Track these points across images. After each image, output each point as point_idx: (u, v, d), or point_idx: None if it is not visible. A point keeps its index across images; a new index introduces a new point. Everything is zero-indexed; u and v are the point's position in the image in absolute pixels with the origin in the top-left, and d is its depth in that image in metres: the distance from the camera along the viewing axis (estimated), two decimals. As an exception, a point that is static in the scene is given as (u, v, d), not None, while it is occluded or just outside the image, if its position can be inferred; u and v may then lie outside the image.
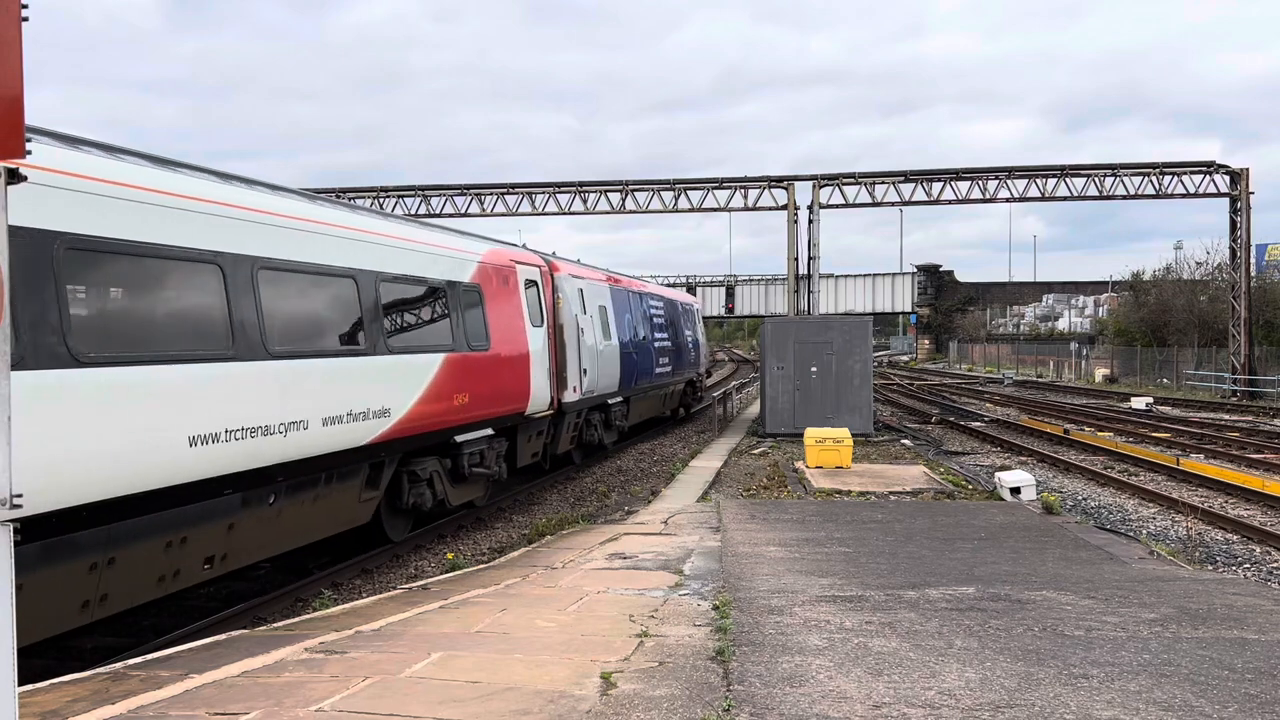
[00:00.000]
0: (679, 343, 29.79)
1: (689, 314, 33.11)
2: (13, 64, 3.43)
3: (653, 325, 26.11)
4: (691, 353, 32.27)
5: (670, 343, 28.10)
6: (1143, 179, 40.64)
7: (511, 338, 15.30)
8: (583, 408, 19.30)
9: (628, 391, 22.83)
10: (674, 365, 28.65)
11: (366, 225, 11.86)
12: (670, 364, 27.95)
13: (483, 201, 45.97)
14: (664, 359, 26.87)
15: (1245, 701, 5.66)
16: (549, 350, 17.01)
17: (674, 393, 30.51)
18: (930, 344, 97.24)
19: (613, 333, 21.49)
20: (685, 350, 30.93)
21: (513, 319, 15.52)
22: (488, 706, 5.48)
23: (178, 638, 8.66)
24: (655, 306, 26.95)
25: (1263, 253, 64.06)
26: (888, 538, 11.64)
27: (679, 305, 31.47)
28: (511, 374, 15.21)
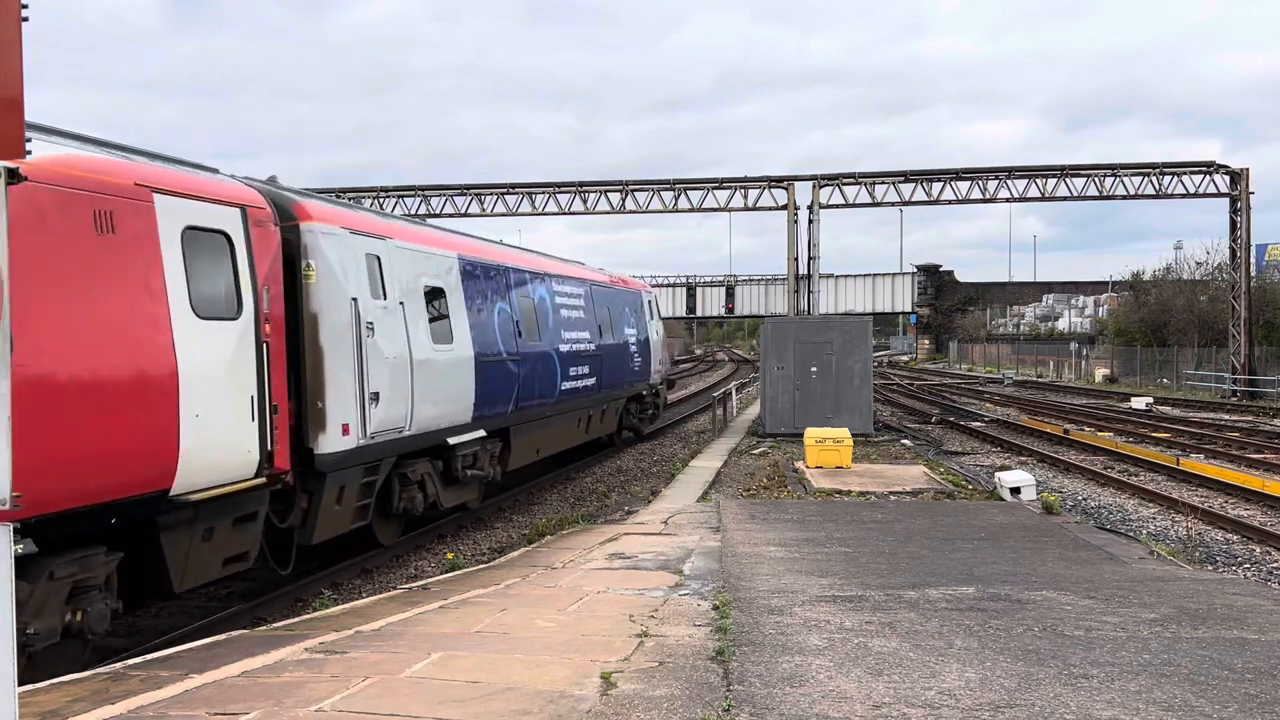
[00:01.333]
0: (613, 346, 21.99)
1: (633, 306, 24.64)
2: (13, 64, 3.43)
3: (558, 321, 18.40)
4: (635, 358, 23.96)
5: (591, 345, 20.20)
6: (1143, 179, 40.66)
7: (103, 342, 7.58)
8: (379, 459, 11.67)
9: (503, 420, 15.33)
10: (604, 376, 20.98)
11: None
12: (594, 375, 20.20)
13: (483, 201, 45.98)
14: (578, 369, 19.07)
15: (1245, 701, 5.66)
16: (264, 362, 9.31)
17: (605, 413, 22.15)
18: (930, 344, 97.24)
19: (459, 332, 13.91)
20: (624, 356, 22.96)
21: (119, 302, 7.78)
22: (488, 706, 5.48)
23: (178, 638, 8.66)
24: (565, 294, 19.21)
25: (1263, 253, 64.06)
26: (888, 538, 11.64)
27: (613, 294, 23.07)
28: (99, 412, 7.44)
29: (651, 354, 25.82)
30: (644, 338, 25.33)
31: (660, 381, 27.84)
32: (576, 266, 21.70)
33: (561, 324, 18.60)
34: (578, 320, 19.68)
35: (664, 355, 28.28)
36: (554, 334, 18.06)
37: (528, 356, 16.46)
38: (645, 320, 25.78)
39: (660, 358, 27.30)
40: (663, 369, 28.06)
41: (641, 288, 26.64)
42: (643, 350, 24.93)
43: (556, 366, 17.93)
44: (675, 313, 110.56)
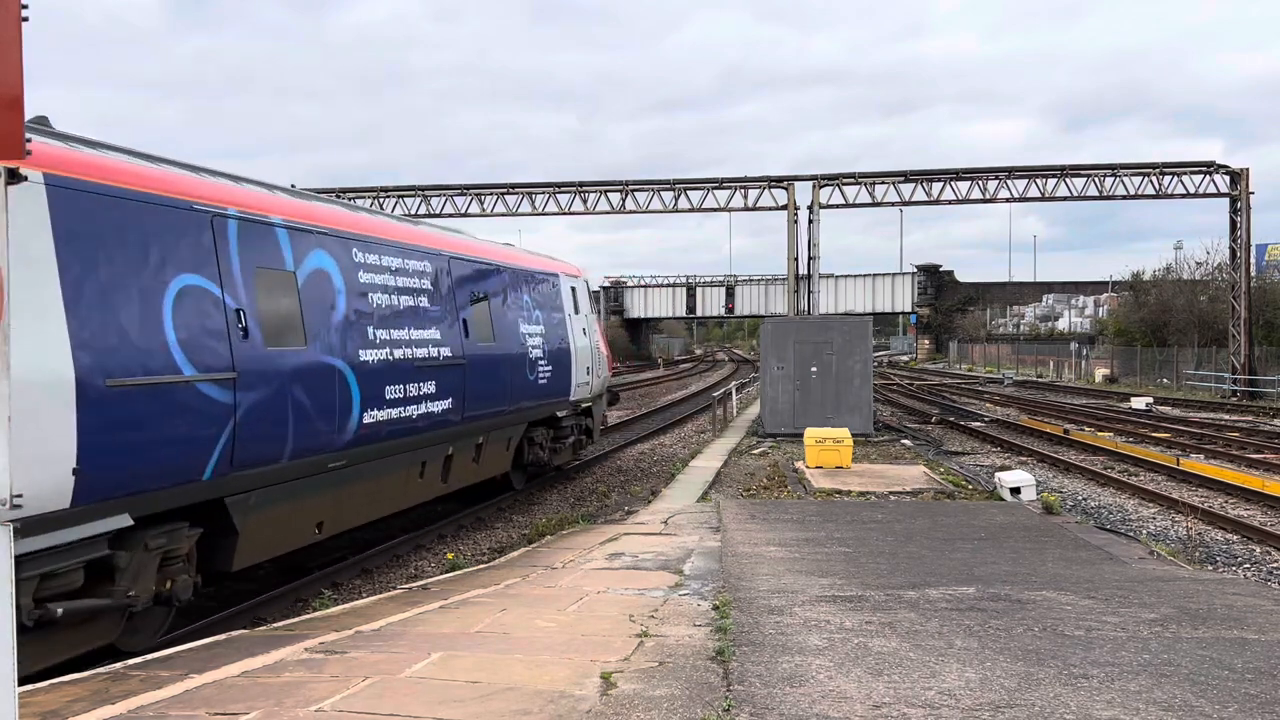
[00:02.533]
0: (494, 352, 14.86)
1: (543, 295, 17.73)
2: (13, 64, 3.43)
3: (357, 313, 11.20)
4: (543, 368, 16.82)
5: (445, 351, 13.13)
6: (1143, 179, 40.68)
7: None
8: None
9: (192, 491, 8.40)
10: (474, 396, 13.94)
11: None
12: (450, 396, 13.16)
13: (483, 202, 46.00)
14: (414, 388, 12.24)
15: (1245, 701, 5.66)
16: None
17: (483, 448, 14.74)
18: (930, 344, 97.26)
19: (38, 330, 6.87)
20: (518, 365, 15.78)
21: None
22: (488, 706, 5.48)
23: (178, 638, 8.66)
24: (376, 269, 11.88)
25: (1263, 253, 64.10)
26: (888, 538, 11.64)
27: (499, 276, 15.76)
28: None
29: (574, 360, 18.54)
30: (561, 338, 18.05)
31: (595, 395, 20.51)
32: (412, 229, 13.78)
33: (366, 317, 11.26)
34: (413, 312, 12.39)
35: (599, 361, 20.52)
36: (343, 333, 10.69)
37: (265, 375, 9.28)
38: (567, 315, 18.62)
39: (592, 365, 19.88)
40: (597, 380, 20.34)
41: (562, 270, 19.28)
42: (559, 356, 17.67)
43: (350, 388, 10.67)
44: (675, 313, 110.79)
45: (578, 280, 20.13)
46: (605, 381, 21.67)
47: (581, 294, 20.21)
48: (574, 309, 19.35)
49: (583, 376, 19.18)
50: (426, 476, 13.00)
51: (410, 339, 12.30)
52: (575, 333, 19.00)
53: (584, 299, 20.31)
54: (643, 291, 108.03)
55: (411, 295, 12.58)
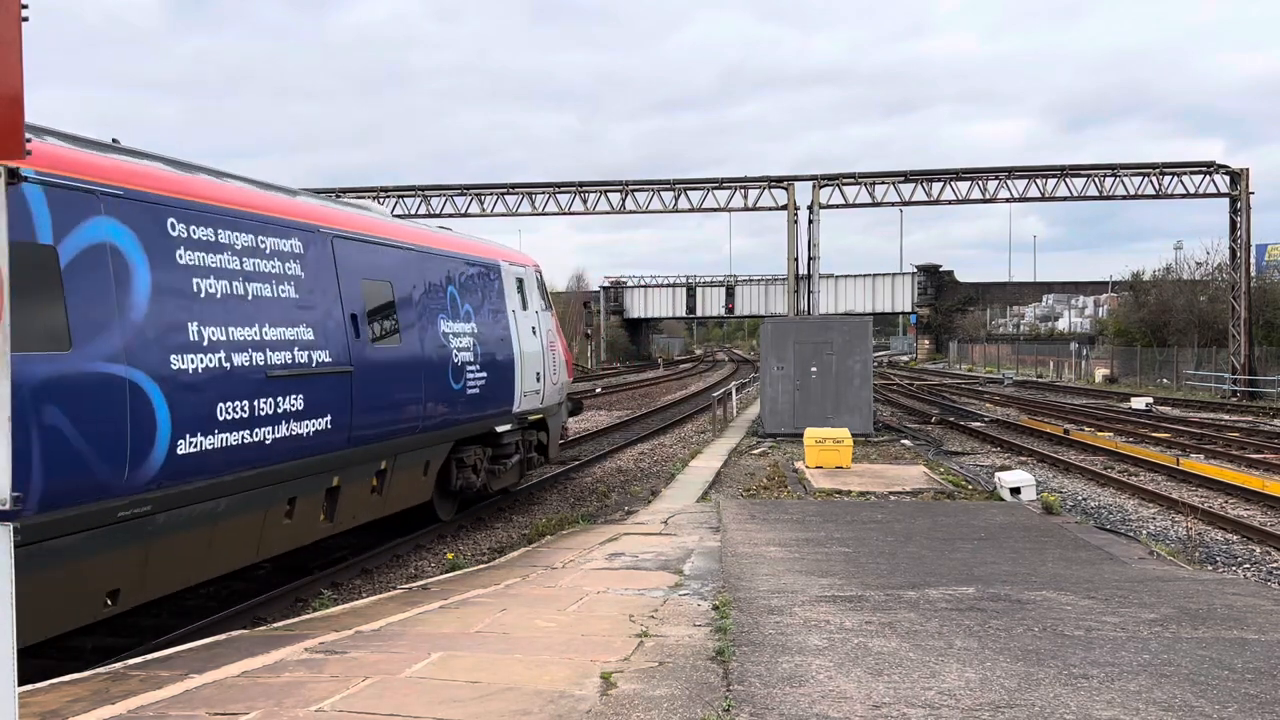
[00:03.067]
0: (400, 356, 12.16)
1: (476, 287, 14.80)
2: (13, 64, 3.43)
3: (170, 305, 8.31)
4: (474, 375, 14.03)
5: (320, 356, 10.35)
6: (1143, 179, 40.69)
7: None
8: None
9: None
10: (367, 411, 11.16)
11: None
12: (330, 412, 10.40)
13: (483, 202, 46.01)
14: (269, 404, 9.40)
15: (1245, 701, 5.66)
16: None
17: (391, 478, 12.05)
18: (930, 344, 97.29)
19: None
20: (438, 372, 13.03)
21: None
22: (487, 706, 5.48)
23: (178, 638, 8.66)
24: (209, 249, 8.90)
25: (1263, 253, 64.10)
26: (888, 538, 11.64)
27: (412, 262, 12.92)
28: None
29: (520, 365, 15.62)
30: (502, 339, 15.10)
31: (551, 406, 17.42)
32: (275, 198, 10.43)
33: (187, 311, 8.51)
34: (268, 305, 9.54)
35: (554, 365, 17.48)
36: (141, 334, 8.01)
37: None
38: (510, 311, 15.73)
39: (545, 370, 16.85)
40: (551, 388, 17.27)
41: (504, 257, 16.14)
42: (498, 360, 14.79)
43: (153, 406, 8.01)
44: (675, 313, 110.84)
45: (526, 270, 16.91)
46: (564, 389, 18.75)
47: (531, 287, 17.05)
48: (521, 304, 16.31)
49: (531, 384, 16.17)
50: (299, 516, 10.10)
51: (261, 340, 9.31)
52: (521, 332, 16.01)
53: (534, 293, 17.17)
54: (643, 291, 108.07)
55: (268, 283, 9.60)
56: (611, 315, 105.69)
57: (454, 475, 14.03)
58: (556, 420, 18.29)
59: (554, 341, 17.84)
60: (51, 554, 7.10)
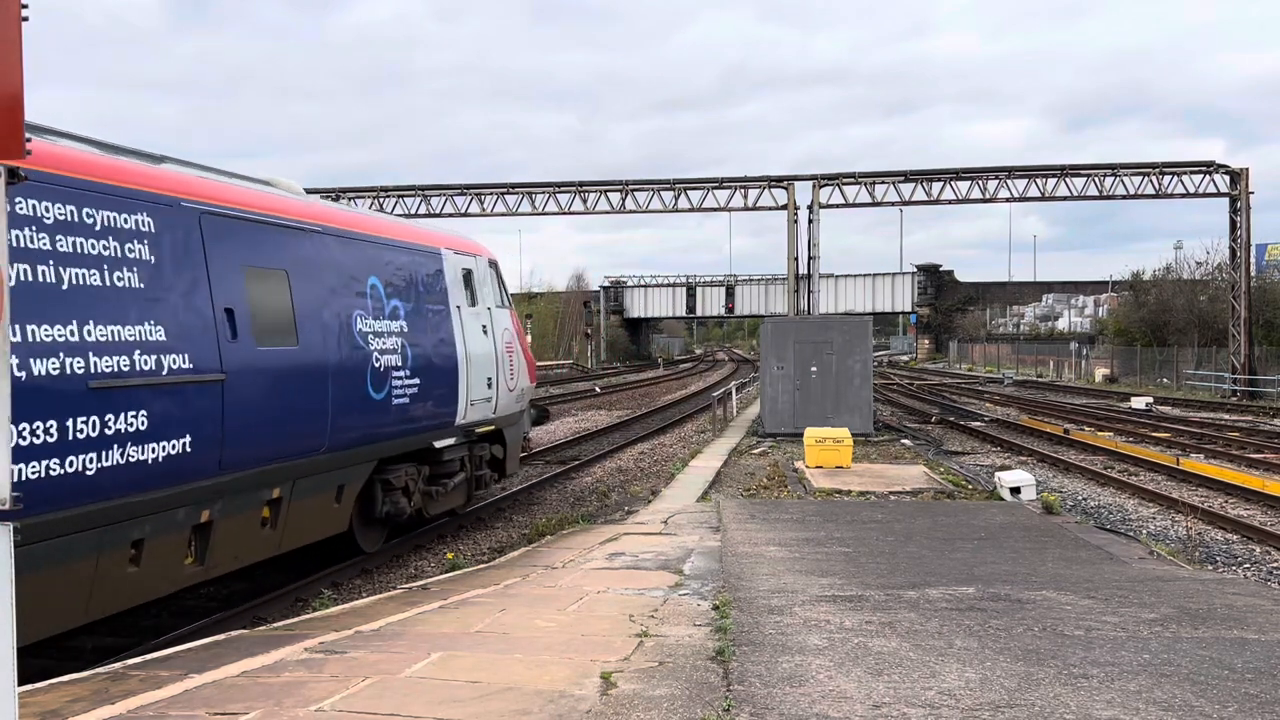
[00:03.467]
0: (311, 359, 10.21)
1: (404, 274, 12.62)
2: (13, 64, 3.43)
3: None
4: (404, 382, 12.07)
5: (175, 358, 8.25)
6: (1143, 179, 40.70)
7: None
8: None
9: None
10: (253, 429, 9.16)
11: None
12: (192, 431, 8.40)
13: (483, 201, 46.02)
14: (98, 421, 7.43)
15: (1245, 701, 5.66)
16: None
17: (289, 509, 10.08)
18: (930, 344, 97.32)
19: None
20: (354, 379, 10.99)
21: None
22: (487, 706, 5.48)
23: (177, 638, 8.66)
24: (44, 227, 7.19)
25: (1263, 253, 64.12)
26: (888, 537, 11.64)
27: (315, 245, 10.71)
28: None
29: (465, 370, 13.54)
30: (443, 340, 13.15)
31: (508, 415, 15.49)
32: (113, 163, 8.34)
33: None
34: (96, 298, 7.66)
35: (511, 370, 15.39)
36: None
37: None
38: (453, 307, 13.62)
39: (499, 376, 14.81)
40: (507, 396, 15.26)
41: (447, 244, 14.01)
42: (436, 364, 12.79)
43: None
44: (675, 313, 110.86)
45: (475, 261, 14.74)
46: (524, 396, 16.53)
47: (483, 280, 14.79)
48: (468, 299, 14.15)
49: (481, 391, 14.14)
50: (151, 562, 8.21)
51: (81, 342, 7.37)
52: (467, 332, 13.86)
53: (486, 287, 14.92)
54: (643, 291, 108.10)
55: (96, 269, 7.65)
56: (611, 315, 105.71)
57: (379, 500, 11.94)
58: (515, 431, 16.18)
59: (512, 342, 15.73)
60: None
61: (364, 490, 11.71)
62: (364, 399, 11.15)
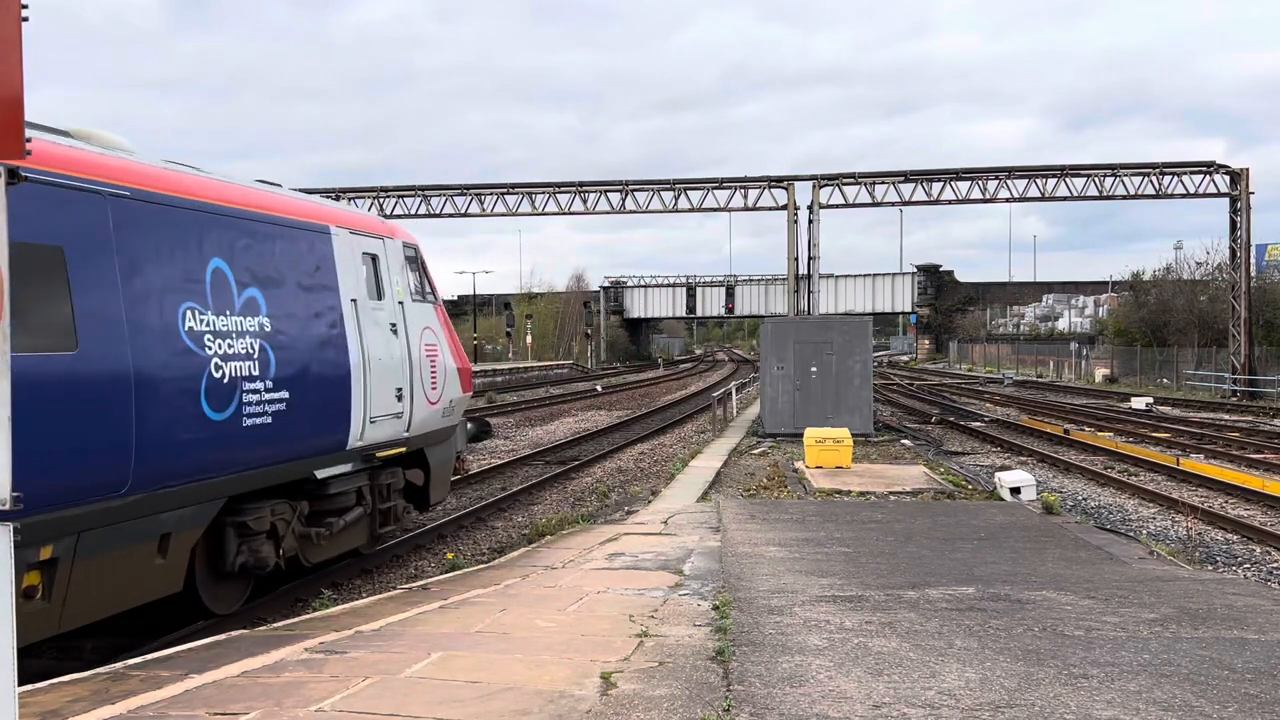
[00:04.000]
0: (101, 369, 7.50)
1: (268, 256, 9.77)
2: (13, 64, 3.43)
3: None
4: (260, 393, 9.26)
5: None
6: (1143, 179, 40.71)
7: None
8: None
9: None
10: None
11: None
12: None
13: (483, 201, 46.02)
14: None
15: (1245, 701, 5.66)
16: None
17: (99, 561, 7.62)
18: (930, 344, 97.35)
19: None
20: (180, 389, 8.28)
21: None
22: (487, 706, 5.48)
23: (177, 638, 8.66)
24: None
25: (1263, 253, 64.14)
26: (888, 538, 11.64)
27: (111, 212, 7.76)
28: None
29: (363, 379, 11.00)
30: (327, 341, 10.56)
31: (435, 433, 13.00)
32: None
33: None
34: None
35: (435, 377, 12.81)
36: None
37: None
38: (344, 300, 10.94)
39: (415, 386, 12.24)
40: (428, 410, 12.61)
41: (338, 222, 11.30)
42: (314, 375, 10.30)
43: None
44: (675, 313, 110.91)
45: (384, 244, 12.05)
46: (457, 408, 13.78)
47: (393, 267, 12.13)
48: (371, 290, 11.51)
49: (387, 404, 11.50)
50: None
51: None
52: (369, 332, 11.20)
53: (398, 275, 12.22)
54: (643, 291, 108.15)
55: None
56: (611, 315, 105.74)
57: (231, 549, 9.31)
58: (443, 452, 13.47)
59: (435, 345, 12.94)
60: None
61: (209, 537, 9.08)
62: (197, 419, 8.51)
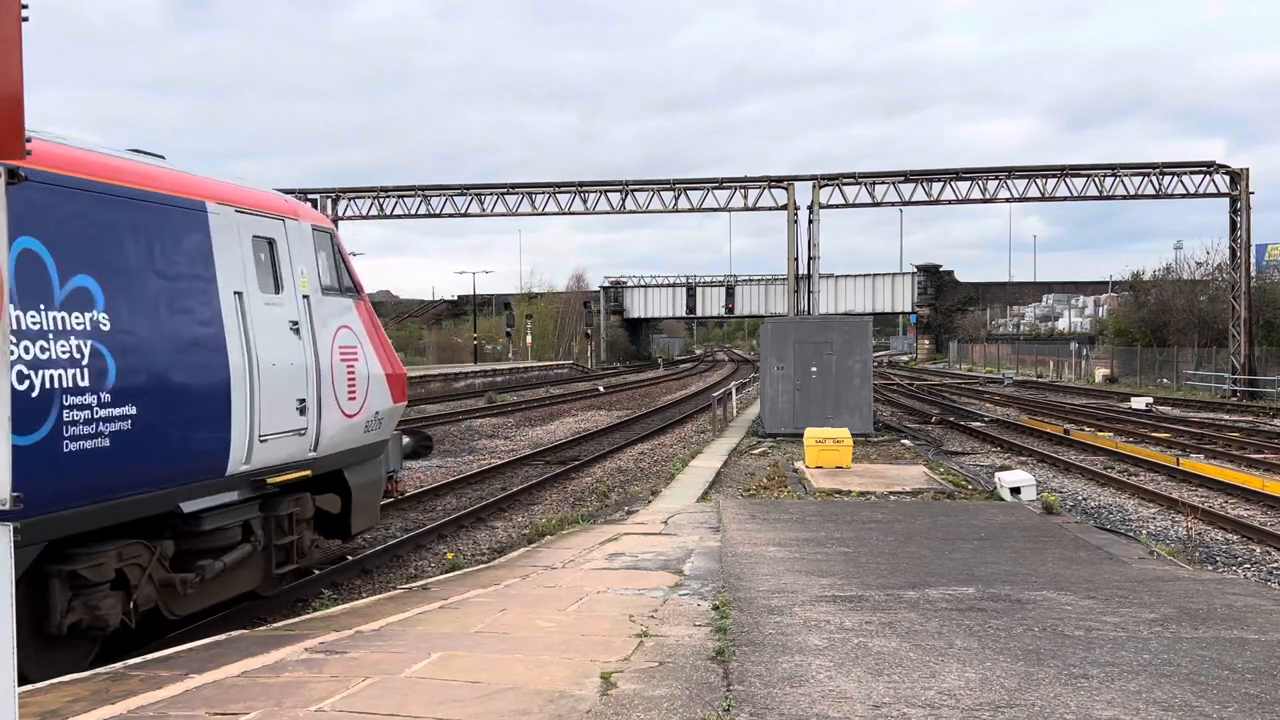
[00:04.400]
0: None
1: (83, 230, 7.46)
2: (13, 64, 3.43)
3: None
4: (87, 405, 7.22)
5: None
6: (1143, 179, 40.71)
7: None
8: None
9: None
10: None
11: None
12: None
13: (483, 201, 46.02)
14: None
15: (1245, 701, 5.67)
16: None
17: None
18: (930, 344, 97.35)
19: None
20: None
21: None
22: (488, 706, 5.48)
23: (177, 638, 8.66)
24: None
25: (1263, 253, 64.14)
26: (888, 538, 11.64)
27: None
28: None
29: (252, 389, 9.09)
30: (196, 343, 8.55)
31: (356, 449, 11.14)
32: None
33: None
34: None
35: (353, 386, 10.89)
36: None
37: None
38: (216, 293, 8.89)
39: (322, 397, 10.22)
40: (341, 423, 10.66)
41: (220, 196, 9.20)
42: (175, 385, 8.27)
43: None
44: (675, 313, 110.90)
45: (283, 225, 10.03)
46: (385, 422, 11.74)
47: (297, 254, 10.12)
48: (266, 283, 9.57)
49: (284, 419, 9.54)
50: None
51: None
52: (259, 331, 9.23)
53: (303, 265, 10.20)
54: (643, 291, 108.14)
55: None
56: (611, 315, 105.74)
57: (58, 605, 7.46)
58: (368, 473, 11.53)
59: (355, 346, 11.03)
60: None
61: (28, 590, 7.20)
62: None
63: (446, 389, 50.09)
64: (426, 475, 20.76)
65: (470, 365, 70.67)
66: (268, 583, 10.05)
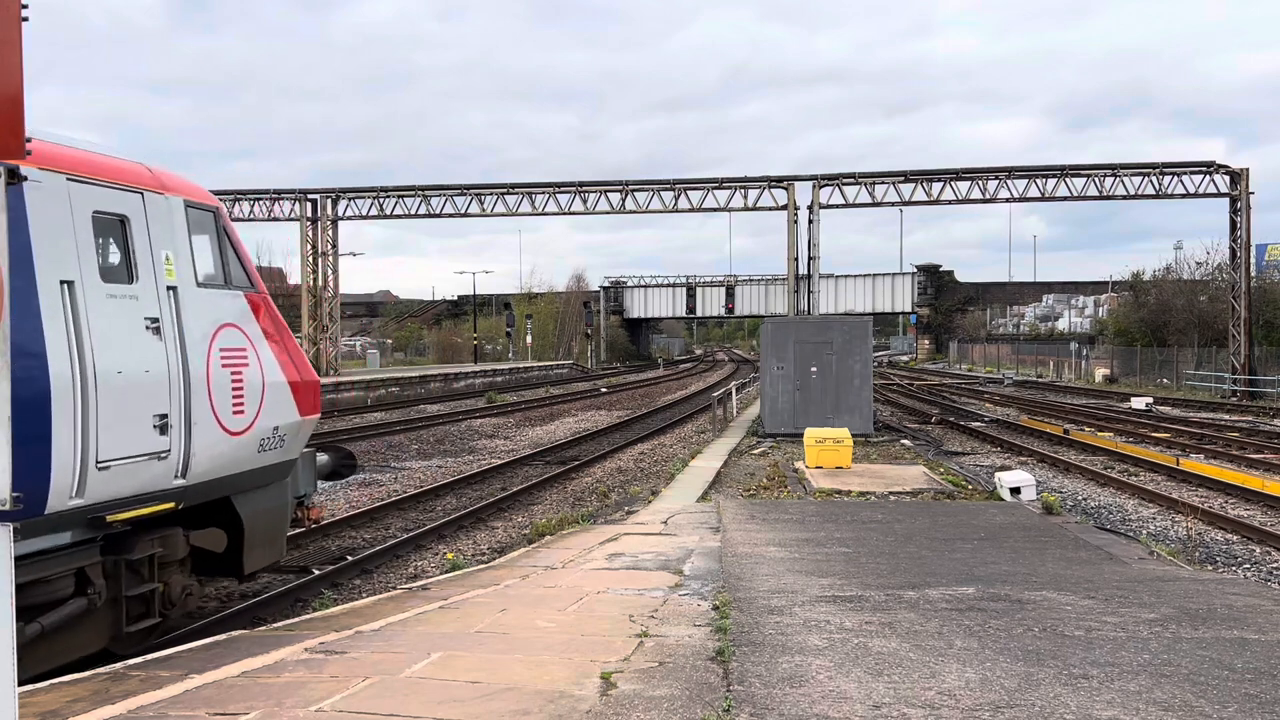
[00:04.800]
0: None
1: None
2: (13, 64, 3.43)
3: None
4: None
5: None
6: (1143, 179, 40.73)
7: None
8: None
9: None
10: None
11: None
12: None
13: (483, 201, 46.04)
14: None
15: (1245, 701, 5.66)
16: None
17: None
18: (930, 344, 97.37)
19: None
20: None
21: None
22: (488, 706, 5.48)
23: (178, 638, 8.66)
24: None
25: (1263, 253, 64.13)
26: (888, 538, 11.64)
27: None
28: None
29: (84, 399, 7.09)
30: (14, 342, 3.97)
31: (247, 473, 9.15)
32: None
33: None
34: None
35: (238, 396, 8.85)
36: None
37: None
38: (34, 284, 6.91)
39: (188, 408, 8.15)
40: (226, 443, 8.69)
41: (53, 162, 7.22)
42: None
43: None
44: (675, 313, 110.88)
45: (138, 200, 8.18)
46: (291, 439, 9.92)
47: (159, 235, 8.30)
48: (116, 270, 7.92)
49: (136, 440, 7.71)
50: None
51: None
52: (93, 330, 7.37)
53: (165, 246, 8.35)
54: (643, 291, 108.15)
55: None
56: (611, 315, 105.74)
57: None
58: (267, 499, 9.76)
59: (243, 349, 9.18)
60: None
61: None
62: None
63: (446, 389, 50.12)
64: (427, 475, 20.76)
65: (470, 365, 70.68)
66: (121, 641, 8.02)
